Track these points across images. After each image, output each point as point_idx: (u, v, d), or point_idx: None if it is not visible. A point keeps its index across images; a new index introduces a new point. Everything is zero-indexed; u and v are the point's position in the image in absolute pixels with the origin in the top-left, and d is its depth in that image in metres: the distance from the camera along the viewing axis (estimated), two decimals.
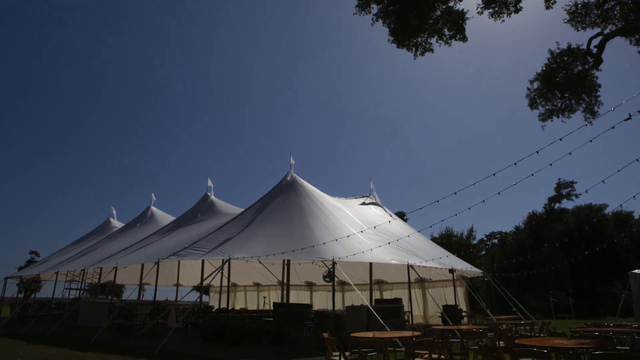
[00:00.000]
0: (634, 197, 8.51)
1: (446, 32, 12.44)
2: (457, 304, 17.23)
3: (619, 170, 9.92)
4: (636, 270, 18.22)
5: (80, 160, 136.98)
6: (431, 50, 12.77)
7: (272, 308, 15.79)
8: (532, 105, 13.80)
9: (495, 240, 38.53)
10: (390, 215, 20.13)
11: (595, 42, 12.63)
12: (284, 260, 16.69)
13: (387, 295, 21.13)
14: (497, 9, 11.95)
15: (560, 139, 9.82)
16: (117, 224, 25.66)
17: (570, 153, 9.96)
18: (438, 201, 10.57)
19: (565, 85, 13.33)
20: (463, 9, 12.09)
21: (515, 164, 10.41)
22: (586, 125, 11.54)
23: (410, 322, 16.01)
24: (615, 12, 12.40)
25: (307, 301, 23.86)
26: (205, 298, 25.90)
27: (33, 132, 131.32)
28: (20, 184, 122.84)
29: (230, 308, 16.84)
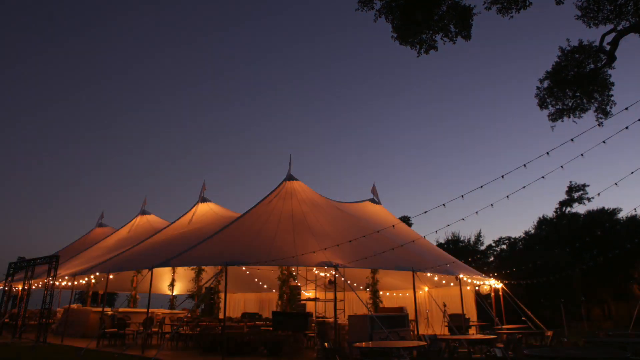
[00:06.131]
0: None
1: (452, 28, 12.03)
2: (464, 312, 16.67)
3: (632, 173, 9.40)
4: None
5: (70, 163, 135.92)
6: (435, 48, 12.36)
7: (270, 316, 15.31)
8: (542, 104, 13.31)
9: (504, 246, 37.68)
10: (394, 220, 19.63)
11: (609, 38, 12.16)
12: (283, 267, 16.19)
13: (391, 303, 20.58)
14: (505, 4, 11.53)
15: (572, 140, 9.31)
16: (108, 229, 25.27)
17: (582, 154, 9.44)
18: (444, 205, 10.10)
19: (576, 83, 12.85)
20: (470, 5, 11.71)
21: (524, 165, 9.91)
22: (598, 125, 11.03)
23: (416, 332, 15.53)
24: (629, 8, 11.94)
25: (307, 309, 23.28)
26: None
27: (22, 134, 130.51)
28: (8, 187, 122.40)
29: (227, 316, 16.35)
